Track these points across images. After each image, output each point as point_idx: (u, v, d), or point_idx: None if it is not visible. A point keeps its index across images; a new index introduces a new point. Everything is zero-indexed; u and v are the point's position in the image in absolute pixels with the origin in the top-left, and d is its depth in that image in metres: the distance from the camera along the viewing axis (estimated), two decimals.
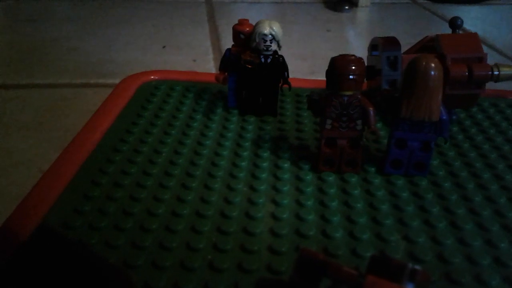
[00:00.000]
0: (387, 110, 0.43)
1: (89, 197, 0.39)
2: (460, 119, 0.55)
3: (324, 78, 0.42)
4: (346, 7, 1.15)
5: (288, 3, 1.24)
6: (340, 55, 0.41)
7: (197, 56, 0.87)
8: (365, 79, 0.42)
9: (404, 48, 0.53)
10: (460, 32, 0.53)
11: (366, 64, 0.42)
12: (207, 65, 0.83)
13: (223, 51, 0.54)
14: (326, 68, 0.42)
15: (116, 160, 0.44)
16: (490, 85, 0.51)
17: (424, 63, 0.39)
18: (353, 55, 0.41)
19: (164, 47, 0.91)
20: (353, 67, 0.40)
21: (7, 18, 1.04)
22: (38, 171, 0.51)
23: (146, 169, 0.43)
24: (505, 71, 0.48)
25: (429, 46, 0.53)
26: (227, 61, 0.52)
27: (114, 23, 1.03)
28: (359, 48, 0.85)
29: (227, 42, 0.54)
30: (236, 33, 0.51)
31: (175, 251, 0.34)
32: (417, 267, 0.27)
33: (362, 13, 1.18)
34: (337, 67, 0.40)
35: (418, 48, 0.54)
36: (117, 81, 0.61)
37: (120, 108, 0.53)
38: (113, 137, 0.48)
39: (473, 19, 1.16)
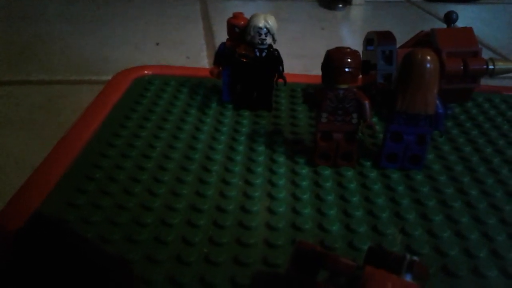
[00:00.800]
0: (382, 103, 0.43)
1: (83, 191, 0.39)
2: (455, 113, 0.55)
3: (320, 73, 0.42)
4: (340, 5, 1.15)
5: (282, 1, 1.24)
6: (336, 48, 0.41)
7: (191, 53, 0.86)
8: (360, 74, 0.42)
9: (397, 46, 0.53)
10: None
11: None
12: (201, 62, 0.82)
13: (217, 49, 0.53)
14: (320, 66, 0.41)
15: (110, 154, 0.44)
16: (484, 81, 0.51)
17: (420, 56, 0.39)
18: (349, 48, 0.41)
19: (157, 44, 0.90)
20: (349, 60, 0.40)
21: (0, 15, 1.03)
22: (31, 168, 0.50)
23: (140, 163, 0.43)
24: (500, 65, 0.48)
25: (424, 41, 0.53)
26: (222, 55, 0.52)
27: (108, 20, 1.02)
28: (353, 46, 0.85)
29: (221, 39, 0.53)
30: (231, 26, 0.51)
31: (170, 245, 0.34)
32: (415, 258, 0.27)
33: (356, 11, 1.18)
34: (333, 59, 0.40)
35: (413, 43, 0.54)
36: (110, 77, 0.60)
37: (114, 103, 0.53)
38: (107, 131, 0.47)
39: (466, 18, 1.16)
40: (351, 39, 0.98)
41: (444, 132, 0.43)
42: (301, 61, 0.82)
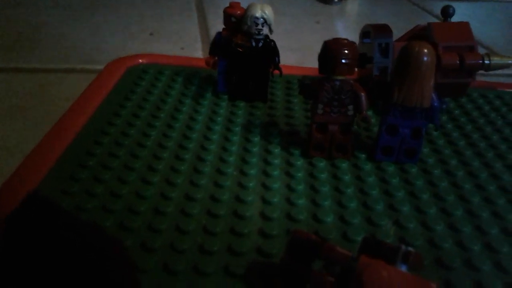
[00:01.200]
0: (378, 96, 0.43)
1: (76, 178, 0.38)
2: (450, 108, 0.55)
3: (315, 66, 0.42)
4: (336, 0, 1.15)
5: None
6: (334, 39, 0.40)
7: (185, 44, 0.86)
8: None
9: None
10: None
11: None
12: (195, 54, 0.82)
13: (211, 40, 0.53)
14: (315, 59, 0.41)
15: (103, 142, 0.43)
16: (479, 77, 0.51)
17: (417, 49, 0.39)
18: (346, 39, 0.41)
19: (151, 34, 0.89)
20: (346, 51, 0.40)
21: None
22: (22, 155, 0.50)
23: (134, 152, 0.42)
24: (496, 60, 0.48)
25: (420, 35, 0.53)
26: (218, 45, 0.51)
27: (101, 10, 1.01)
28: None
29: (216, 31, 0.53)
30: (227, 16, 0.50)
31: (164, 233, 0.34)
32: (411, 248, 0.27)
33: (352, 6, 1.18)
34: (331, 50, 0.40)
35: (409, 36, 0.54)
36: (103, 67, 0.60)
37: (107, 91, 0.52)
38: (100, 119, 0.47)
39: (461, 16, 1.15)
40: (346, 33, 0.98)
41: (439, 126, 0.43)
42: (295, 54, 0.82)
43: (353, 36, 0.56)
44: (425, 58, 0.39)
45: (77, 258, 0.20)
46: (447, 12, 0.52)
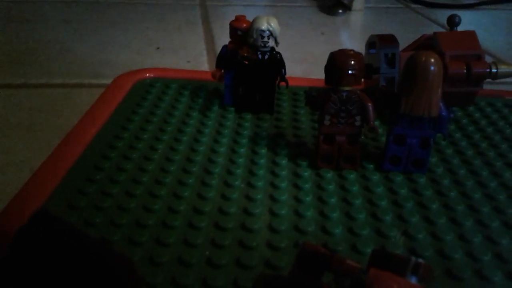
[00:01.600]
0: (386, 106, 0.43)
1: (84, 192, 0.38)
2: (457, 117, 0.54)
3: (321, 77, 0.42)
4: (340, 11, 1.15)
5: (282, 6, 1.24)
6: (339, 50, 0.40)
7: (191, 57, 0.86)
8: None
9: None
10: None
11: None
12: (201, 67, 0.82)
13: (217, 53, 0.53)
14: (320, 71, 0.41)
15: (111, 156, 0.43)
16: (486, 85, 0.51)
17: (424, 58, 0.39)
18: (352, 50, 0.41)
19: (158, 48, 0.90)
20: (353, 62, 0.40)
21: (0, 19, 1.03)
22: (30, 171, 0.50)
23: (141, 165, 0.42)
24: (503, 68, 0.48)
25: (426, 44, 0.52)
26: (224, 58, 0.52)
27: (108, 25, 1.02)
28: None
29: (221, 44, 0.53)
30: (233, 29, 0.51)
31: (172, 247, 0.34)
32: (421, 260, 0.26)
33: (356, 17, 1.18)
34: (337, 61, 0.40)
35: (415, 46, 0.54)
36: (110, 82, 0.60)
37: (115, 105, 0.52)
38: (108, 133, 0.47)
39: (466, 24, 1.15)
40: (351, 44, 0.98)
41: (447, 135, 0.43)
42: (301, 65, 0.82)
43: (358, 46, 0.56)
44: (432, 68, 0.39)
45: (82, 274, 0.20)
46: (453, 22, 0.52)
